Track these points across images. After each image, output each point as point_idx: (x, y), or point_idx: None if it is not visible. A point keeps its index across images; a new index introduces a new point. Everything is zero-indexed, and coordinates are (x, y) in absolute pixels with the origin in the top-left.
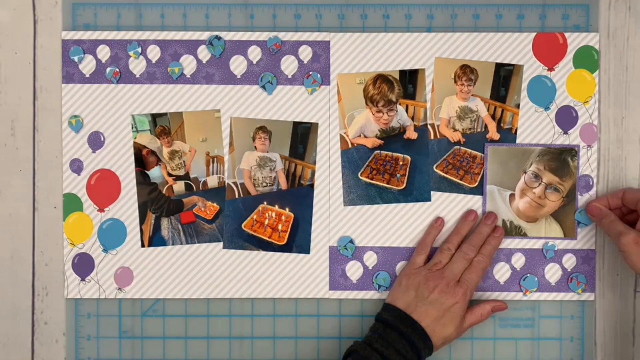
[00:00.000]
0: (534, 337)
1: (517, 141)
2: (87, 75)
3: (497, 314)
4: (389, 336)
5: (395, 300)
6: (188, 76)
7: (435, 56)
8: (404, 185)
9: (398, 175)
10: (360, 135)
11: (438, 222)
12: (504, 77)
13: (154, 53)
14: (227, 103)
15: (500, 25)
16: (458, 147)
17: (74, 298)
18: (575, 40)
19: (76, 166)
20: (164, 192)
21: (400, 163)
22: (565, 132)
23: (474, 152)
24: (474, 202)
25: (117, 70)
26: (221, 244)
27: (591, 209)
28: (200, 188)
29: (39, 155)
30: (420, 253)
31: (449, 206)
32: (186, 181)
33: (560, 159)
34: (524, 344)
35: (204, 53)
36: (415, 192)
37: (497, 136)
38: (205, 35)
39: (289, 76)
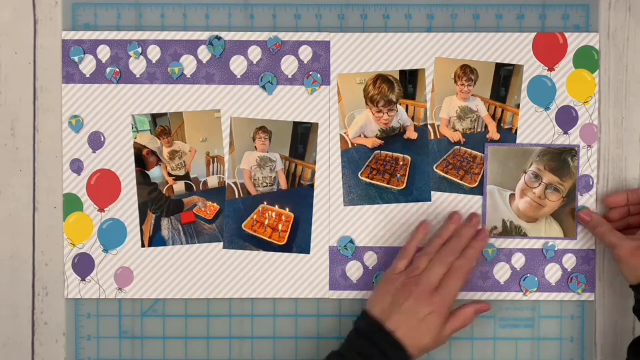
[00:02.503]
0: (534, 337)
1: (517, 141)
2: (87, 75)
3: (497, 314)
4: (362, 348)
5: (372, 307)
6: (188, 76)
7: (435, 56)
8: (404, 185)
9: (398, 175)
10: (360, 135)
11: (423, 225)
12: (504, 77)
13: (154, 53)
14: (227, 103)
15: (500, 25)
16: (458, 147)
17: (74, 298)
18: (575, 40)
19: (76, 166)
20: (164, 192)
21: (400, 163)
22: (565, 132)
23: (474, 152)
24: (474, 202)
25: (117, 70)
26: (221, 244)
27: (580, 217)
28: (200, 188)
29: (39, 155)
30: (402, 258)
31: (449, 206)
32: (186, 181)
33: (560, 159)
34: (524, 344)
35: (204, 53)
36: (415, 192)
37: (497, 136)
38: (205, 35)
39: (289, 76)
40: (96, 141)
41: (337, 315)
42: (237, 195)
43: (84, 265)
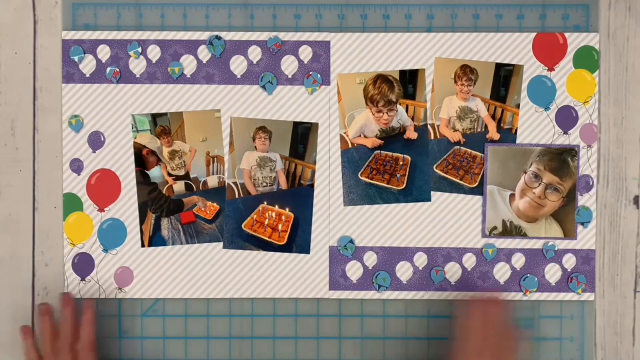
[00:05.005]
0: (534, 337)
1: (517, 141)
2: (87, 75)
3: None
4: None
5: None
6: (188, 76)
7: (435, 56)
8: (404, 185)
9: (398, 175)
10: (360, 135)
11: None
12: (504, 77)
13: (154, 53)
14: (227, 103)
15: (500, 25)
16: (458, 147)
17: (74, 298)
18: (575, 40)
19: (76, 166)
20: (164, 192)
21: (400, 163)
22: (565, 132)
23: (474, 152)
24: (474, 202)
25: (117, 70)
26: (221, 244)
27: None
28: (200, 188)
29: (39, 155)
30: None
31: (449, 206)
32: (186, 181)
33: (560, 159)
34: (524, 344)
35: (204, 53)
36: (415, 192)
37: (497, 136)
38: (205, 35)
39: (289, 76)
40: (96, 141)
41: (337, 315)
42: (237, 195)
43: (84, 265)
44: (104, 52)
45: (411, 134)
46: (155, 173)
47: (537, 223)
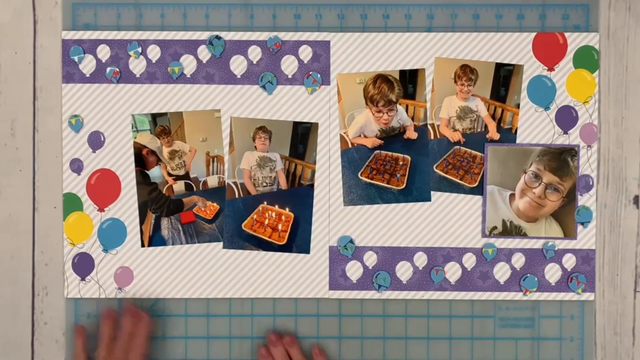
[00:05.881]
0: (534, 337)
1: (517, 141)
2: (87, 75)
3: (497, 314)
4: None
5: None
6: (188, 76)
7: (435, 56)
8: (404, 185)
9: (398, 175)
10: (360, 135)
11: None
12: (504, 77)
13: (154, 53)
14: (227, 103)
15: (500, 25)
16: (458, 147)
17: (74, 298)
18: (575, 40)
19: (76, 166)
20: (164, 192)
21: (400, 163)
22: (565, 132)
23: (474, 152)
24: (474, 202)
25: (117, 70)
26: (221, 244)
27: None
28: (200, 188)
29: (39, 155)
30: None
31: (449, 206)
32: (186, 181)
33: (560, 159)
34: (524, 344)
35: (204, 53)
36: (415, 192)
37: (497, 136)
38: (205, 35)
39: (289, 76)
40: (96, 141)
41: (337, 315)
42: (237, 195)
43: (84, 265)
44: (104, 52)
45: (411, 134)
46: (155, 173)
47: (537, 223)
